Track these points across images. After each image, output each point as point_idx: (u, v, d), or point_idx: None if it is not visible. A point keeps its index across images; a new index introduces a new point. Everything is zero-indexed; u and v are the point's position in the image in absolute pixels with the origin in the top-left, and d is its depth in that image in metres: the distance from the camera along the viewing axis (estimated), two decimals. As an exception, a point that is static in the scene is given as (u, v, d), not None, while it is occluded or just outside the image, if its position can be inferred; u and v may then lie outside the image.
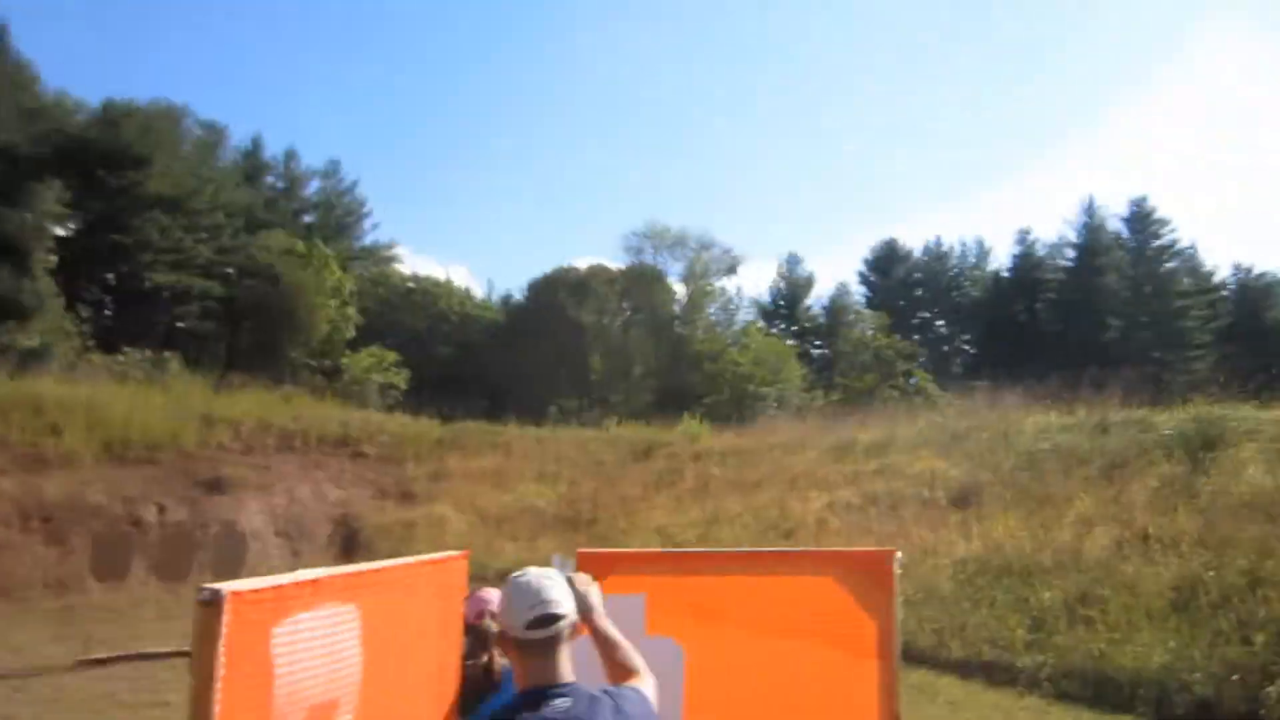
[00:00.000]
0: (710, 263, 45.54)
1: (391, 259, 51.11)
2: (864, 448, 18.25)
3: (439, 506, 17.38)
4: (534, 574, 2.03)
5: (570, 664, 2.01)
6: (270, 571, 14.34)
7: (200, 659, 1.80)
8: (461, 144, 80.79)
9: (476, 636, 3.10)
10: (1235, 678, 7.62)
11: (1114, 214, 48.02)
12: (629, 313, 44.49)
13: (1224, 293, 46.35)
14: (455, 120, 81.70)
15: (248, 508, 15.65)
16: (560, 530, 16.90)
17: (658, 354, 42.31)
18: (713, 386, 38.31)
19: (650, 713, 2.07)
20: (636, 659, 2.33)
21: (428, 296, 44.63)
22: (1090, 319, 42.56)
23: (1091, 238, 46.99)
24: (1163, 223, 46.99)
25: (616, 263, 45.74)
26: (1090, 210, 47.72)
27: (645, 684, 2.20)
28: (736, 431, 23.08)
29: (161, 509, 14.89)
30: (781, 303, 54.41)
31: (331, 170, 49.20)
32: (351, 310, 37.65)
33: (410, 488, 18.23)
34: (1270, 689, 7.32)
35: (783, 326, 51.83)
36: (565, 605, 1.99)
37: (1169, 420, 14.50)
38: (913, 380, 39.42)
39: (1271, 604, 8.29)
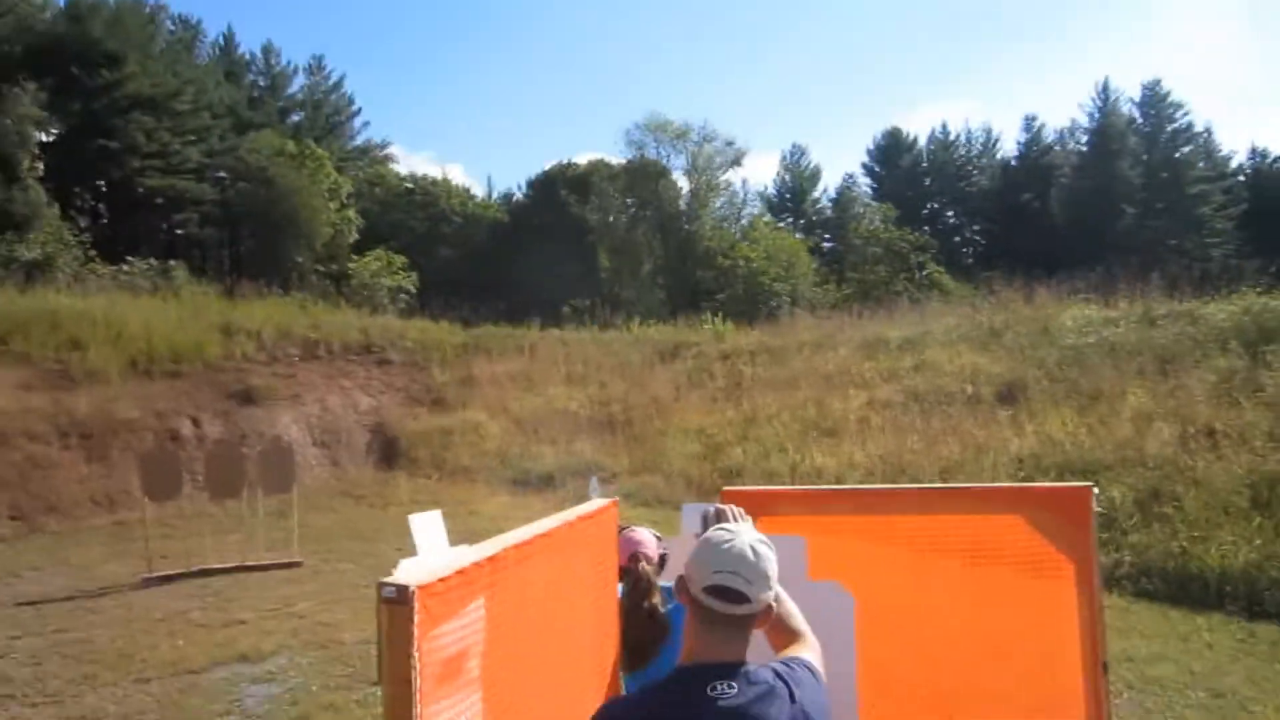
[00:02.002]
0: (714, 155, 44.31)
1: (386, 158, 49.95)
2: (896, 344, 17.99)
3: (472, 412, 17.20)
4: (743, 540, 1.68)
5: (746, 644, 1.70)
6: (315, 483, 14.26)
7: (394, 660, 1.52)
8: (449, 36, 77.98)
9: (632, 580, 2.85)
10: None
11: (1127, 97, 46.84)
12: (634, 209, 43.57)
13: (1240, 178, 45.55)
14: (440, 9, 78.60)
15: (281, 419, 15.46)
16: (596, 432, 16.77)
17: (666, 251, 41.66)
18: (725, 283, 37.89)
19: (823, 692, 1.77)
20: (800, 619, 2.04)
21: (428, 197, 43.57)
22: (1104, 207, 41.85)
23: (1105, 122, 45.86)
24: (1177, 105, 45.85)
25: (618, 158, 44.58)
26: (1104, 93, 46.46)
27: (811, 651, 1.90)
28: (761, 329, 22.80)
29: (196, 422, 14.70)
30: (787, 196, 53.48)
31: (315, 66, 47.50)
32: (352, 213, 36.77)
33: (440, 394, 18.01)
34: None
35: (789, 221, 51.05)
36: (758, 589, 1.65)
37: (1218, 312, 14.21)
38: (924, 273, 38.98)
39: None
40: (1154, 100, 45.87)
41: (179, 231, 36.16)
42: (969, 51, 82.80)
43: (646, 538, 3.01)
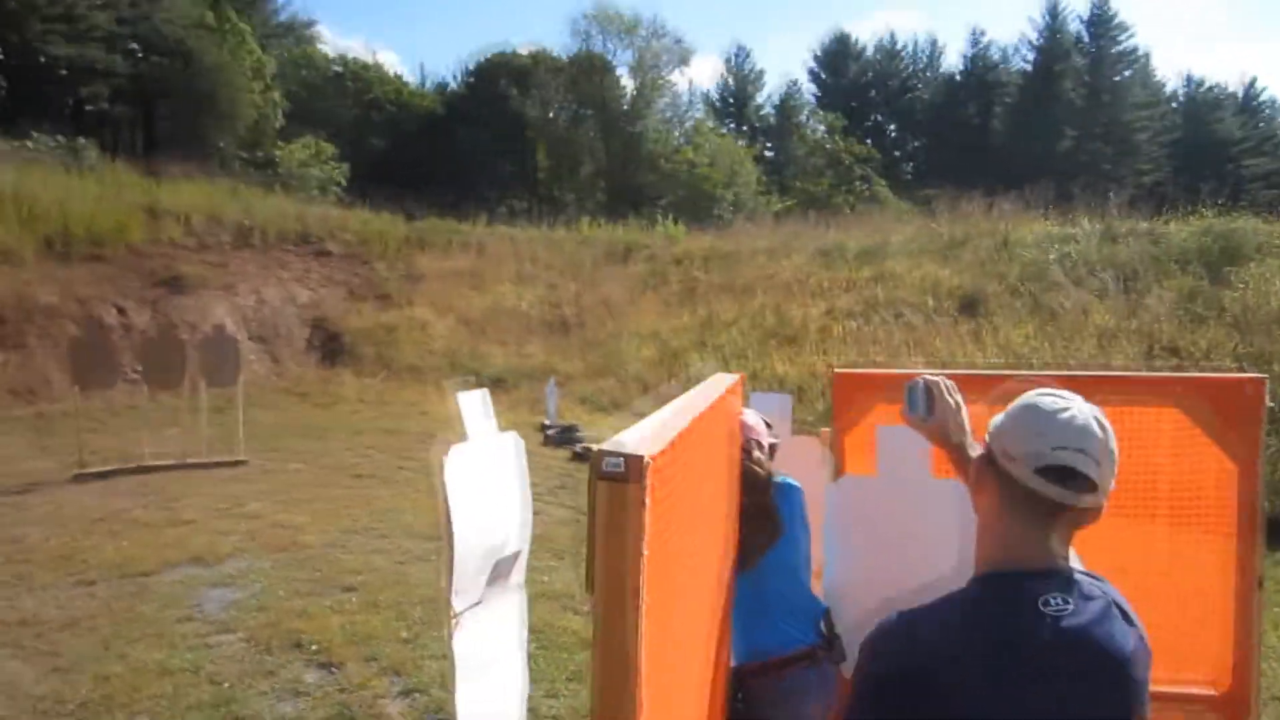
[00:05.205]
0: (661, 53, 42.90)
1: (313, 38, 47.01)
2: (854, 254, 17.77)
3: (418, 309, 16.49)
4: (1084, 410, 1.30)
5: (1069, 546, 1.33)
6: (253, 379, 13.50)
7: (615, 561, 1.09)
8: (381, -91, 73.02)
9: (748, 477, 2.44)
10: (1301, 491, 7.62)
11: (1075, 15, 46.68)
12: (575, 106, 42.06)
13: (1174, 105, 46.19)
14: (373, -120, 73.40)
15: (214, 309, 14.52)
16: (547, 334, 16.30)
17: (608, 151, 40.49)
18: (667, 187, 37.11)
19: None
20: None
21: (358, 81, 41.28)
22: (1045, 127, 42.04)
23: (1052, 41, 45.70)
24: (1122, 28, 45.92)
25: (561, 50, 42.81)
26: (1055, 10, 46.15)
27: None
28: (714, 234, 22.34)
29: (121, 310, 13.70)
30: (730, 100, 52.34)
31: (236, -73, 43.77)
32: (278, 95, 34.59)
33: (384, 289, 17.19)
34: (1342, 502, 7.35)
35: (732, 126, 50.08)
36: (1106, 475, 1.28)
37: (1179, 231, 14.29)
38: (867, 185, 38.81)
39: (1333, 420, 8.25)
40: (1101, 20, 45.79)
41: (88, 107, 33.49)
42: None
43: (758, 423, 2.58)
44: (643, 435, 1.20)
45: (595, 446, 1.09)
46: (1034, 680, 1.19)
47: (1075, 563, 1.35)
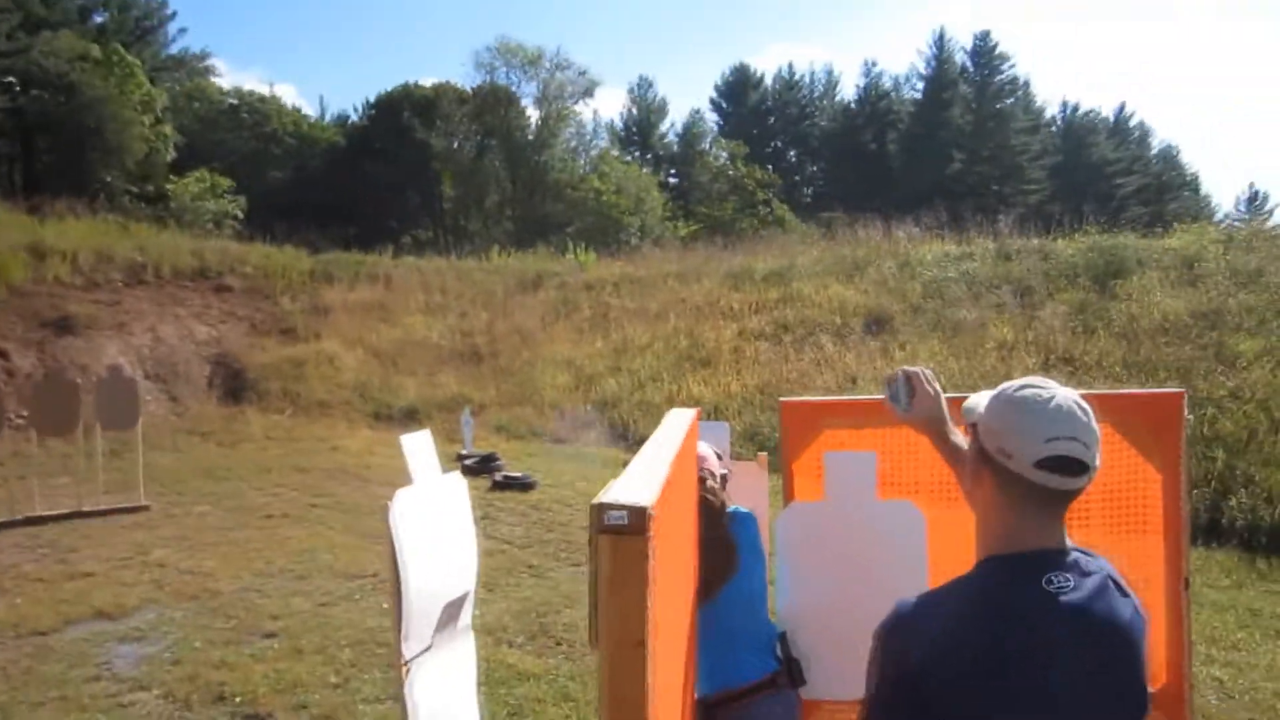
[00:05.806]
0: (566, 84, 43.19)
1: (207, 71, 45.61)
2: (762, 276, 18.10)
3: (325, 343, 16.02)
4: (1065, 396, 1.35)
5: (1063, 525, 1.37)
6: (150, 421, 12.88)
7: (623, 615, 1.09)
8: (272, -60, 71.71)
9: (702, 506, 2.45)
10: (1196, 490, 8.06)
11: (960, 47, 48.99)
12: (481, 137, 41.91)
13: (1053, 129, 48.84)
14: (263, -89, 72.12)
15: (106, 350, 13.83)
16: (460, 364, 16.07)
17: (515, 182, 40.43)
18: (575, 215, 37.21)
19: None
20: None
21: (256, 115, 40.23)
22: (936, 151, 43.85)
23: (939, 71, 47.81)
24: (1004, 58, 48.37)
25: (464, 83, 42.64)
26: (940, 42, 48.34)
27: None
28: (624, 260, 22.46)
29: (4, 354, 12.93)
30: (634, 130, 52.96)
31: (121, -41, 42.29)
32: (169, 129, 33.43)
33: (289, 323, 16.66)
34: (1230, 499, 7.82)
35: (637, 155, 50.63)
36: (1095, 455, 1.33)
37: (1067, 248, 15.03)
38: (769, 210, 39.69)
39: (1217, 422, 8.78)
40: (984, 51, 48.14)
41: (-40, 144, 31.75)
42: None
43: (709, 453, 2.59)
44: (635, 484, 1.19)
45: (598, 500, 1.08)
46: (1045, 655, 1.24)
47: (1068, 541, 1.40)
